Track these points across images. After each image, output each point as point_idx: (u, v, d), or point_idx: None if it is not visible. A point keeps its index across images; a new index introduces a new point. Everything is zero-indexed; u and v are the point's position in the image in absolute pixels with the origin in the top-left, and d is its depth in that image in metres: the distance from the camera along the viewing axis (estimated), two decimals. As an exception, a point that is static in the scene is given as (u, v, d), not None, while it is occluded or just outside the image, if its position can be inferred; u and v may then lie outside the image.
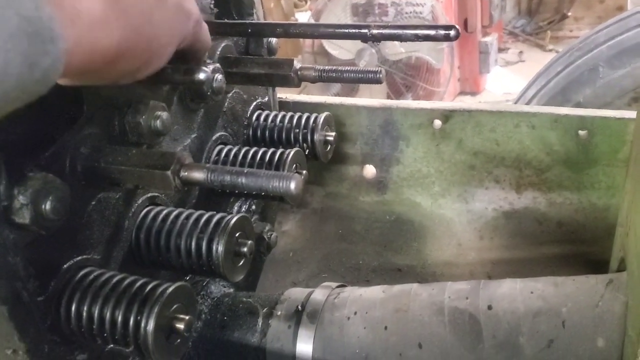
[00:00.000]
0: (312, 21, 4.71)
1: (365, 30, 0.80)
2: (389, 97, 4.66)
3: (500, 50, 6.35)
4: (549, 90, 1.88)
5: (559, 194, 1.19)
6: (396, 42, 4.48)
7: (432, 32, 0.76)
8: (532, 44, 6.90)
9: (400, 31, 0.78)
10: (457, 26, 0.75)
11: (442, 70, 4.80)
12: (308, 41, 4.82)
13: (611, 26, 1.81)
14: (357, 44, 4.50)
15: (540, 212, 1.22)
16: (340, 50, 4.51)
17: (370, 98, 3.95)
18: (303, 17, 5.48)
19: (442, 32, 0.75)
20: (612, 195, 1.15)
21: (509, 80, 5.91)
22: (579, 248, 1.21)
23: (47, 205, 0.60)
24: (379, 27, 0.79)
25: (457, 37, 0.74)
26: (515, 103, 2.05)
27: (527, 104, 1.96)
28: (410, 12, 4.52)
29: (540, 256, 1.24)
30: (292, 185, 0.64)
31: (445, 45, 4.68)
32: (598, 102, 1.74)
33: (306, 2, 6.16)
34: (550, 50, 6.49)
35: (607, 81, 1.75)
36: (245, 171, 0.67)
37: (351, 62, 4.50)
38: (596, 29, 1.88)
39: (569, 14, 6.93)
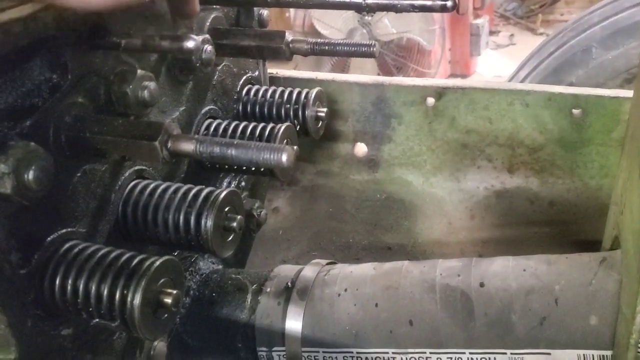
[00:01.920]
0: None
1: (360, 0, 0.78)
2: (379, 78, 4.63)
3: (492, 33, 6.33)
4: (541, 71, 1.87)
5: (551, 173, 1.19)
6: (387, 23, 4.45)
7: (428, 3, 0.74)
8: (523, 27, 6.89)
9: (396, 1, 0.76)
10: (454, -3, 0.73)
11: (433, 52, 4.78)
12: (298, 21, 4.77)
13: (605, 7, 1.80)
14: (348, 24, 4.46)
15: (532, 191, 1.22)
16: (331, 29, 4.46)
17: (361, 78, 3.90)
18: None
19: (439, 2, 0.73)
20: (604, 175, 1.14)
21: (499, 63, 5.90)
22: (571, 228, 1.20)
23: (30, 175, 0.58)
24: (374, -3, 0.77)
25: (454, 7, 0.72)
26: (508, 83, 2.04)
27: (520, 84, 1.94)
28: (402, -8, 4.48)
29: (531, 236, 1.23)
30: (284, 157, 0.62)
31: (436, 26, 4.66)
32: (590, 83, 1.73)
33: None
34: (541, 34, 6.47)
35: (600, 62, 1.74)
36: (235, 142, 0.65)
37: (342, 41, 4.46)
38: (590, 10, 1.86)
39: (561, -3, 6.91)
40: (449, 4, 0.72)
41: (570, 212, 1.19)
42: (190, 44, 0.68)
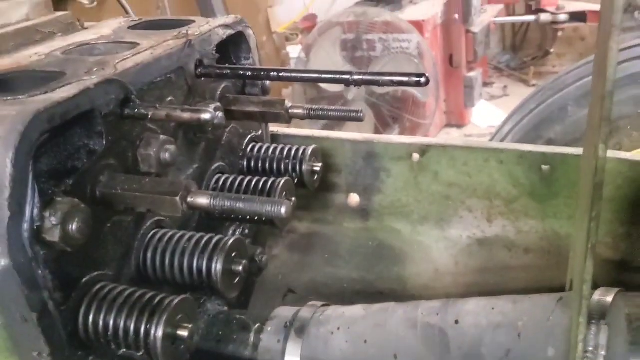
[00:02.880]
0: (303, 54, 4.85)
1: (348, 76, 0.91)
2: (376, 129, 4.79)
3: (486, 84, 6.52)
4: (522, 127, 2.01)
5: (525, 223, 1.30)
6: (383, 76, 4.62)
7: (405, 79, 0.88)
8: (516, 79, 7.08)
9: (378, 77, 0.90)
10: (427, 74, 0.86)
11: (427, 104, 4.94)
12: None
13: (579, 68, 1.95)
14: (346, 78, 4.62)
15: (510, 239, 1.33)
16: (330, 82, 4.63)
17: (359, 129, 4.05)
18: (294, 50, 5.63)
19: (414, 79, 0.87)
20: (572, 225, 1.26)
21: (493, 114, 6.06)
22: (545, 273, 1.31)
23: (74, 226, 0.70)
24: (359, 73, 0.91)
25: (427, 83, 0.86)
26: (493, 138, 2.18)
27: (504, 139, 2.09)
28: (397, 48, 4.66)
29: (509, 280, 1.34)
30: (283, 210, 0.75)
31: (431, 79, 4.83)
32: (567, 138, 1.87)
33: (297, 36, 6.34)
34: (534, 85, 6.66)
35: (576, 119, 1.88)
36: (243, 197, 0.78)
37: (339, 94, 4.63)
38: (565, 70, 2.02)
39: (552, 50, 7.13)
40: (422, 80, 0.86)
41: (544, 258, 1.31)
42: (206, 116, 0.81)
